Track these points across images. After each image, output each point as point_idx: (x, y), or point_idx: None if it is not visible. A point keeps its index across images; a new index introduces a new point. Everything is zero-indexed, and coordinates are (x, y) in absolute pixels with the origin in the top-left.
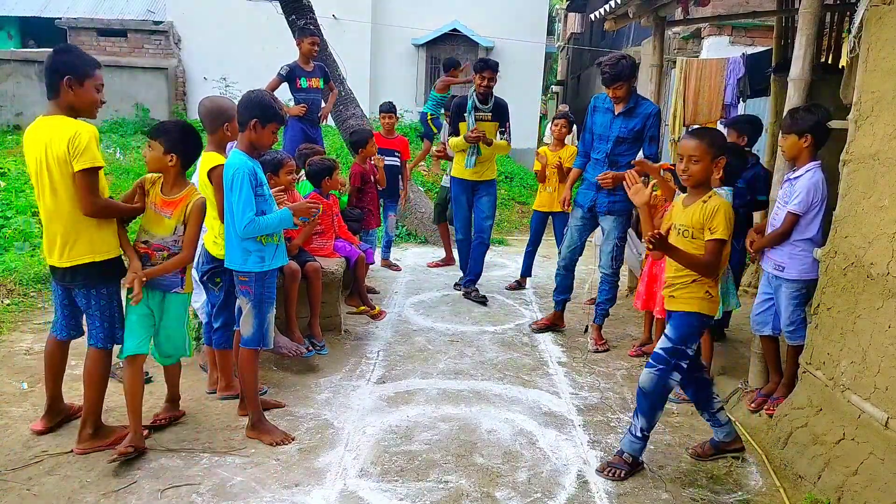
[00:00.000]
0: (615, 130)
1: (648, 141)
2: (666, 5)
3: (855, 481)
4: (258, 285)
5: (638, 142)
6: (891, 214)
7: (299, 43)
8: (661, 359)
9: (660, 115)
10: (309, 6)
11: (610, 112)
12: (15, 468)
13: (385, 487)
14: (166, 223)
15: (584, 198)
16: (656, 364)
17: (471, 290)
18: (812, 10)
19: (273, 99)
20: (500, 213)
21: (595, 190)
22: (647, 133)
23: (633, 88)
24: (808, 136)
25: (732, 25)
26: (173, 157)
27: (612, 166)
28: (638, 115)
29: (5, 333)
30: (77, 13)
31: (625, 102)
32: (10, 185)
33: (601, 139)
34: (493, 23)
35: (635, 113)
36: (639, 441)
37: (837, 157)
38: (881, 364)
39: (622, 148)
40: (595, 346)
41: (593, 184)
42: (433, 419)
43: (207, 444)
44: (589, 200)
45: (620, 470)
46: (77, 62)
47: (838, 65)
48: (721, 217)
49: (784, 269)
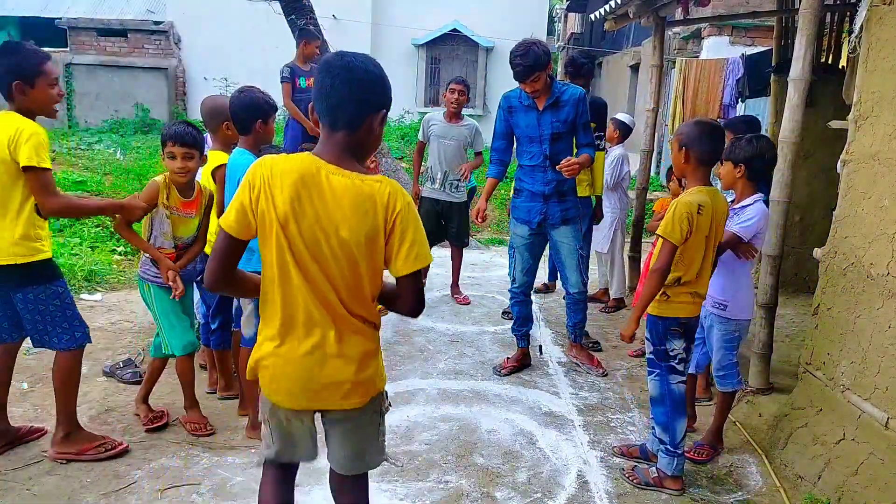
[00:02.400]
0: (547, 127)
1: (583, 129)
2: (666, 5)
3: (855, 481)
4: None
5: (572, 134)
6: (891, 214)
7: (303, 45)
8: (651, 362)
9: (586, 97)
10: (309, 6)
11: (533, 109)
12: (15, 468)
13: (385, 487)
14: (191, 223)
15: (528, 212)
16: (651, 369)
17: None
18: (812, 10)
19: (262, 92)
20: (501, 213)
21: (542, 200)
22: (579, 120)
23: (550, 77)
24: (742, 166)
25: (732, 25)
26: (204, 159)
27: (554, 167)
28: (566, 104)
29: None
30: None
31: (547, 94)
32: None
33: (531, 141)
34: (493, 23)
35: (562, 102)
36: (668, 456)
37: (837, 157)
38: (881, 364)
39: (561, 145)
40: (592, 367)
41: (537, 194)
42: (433, 419)
43: (207, 444)
44: (537, 214)
45: (641, 479)
46: (23, 62)
47: (838, 65)
48: (668, 215)
49: (726, 308)
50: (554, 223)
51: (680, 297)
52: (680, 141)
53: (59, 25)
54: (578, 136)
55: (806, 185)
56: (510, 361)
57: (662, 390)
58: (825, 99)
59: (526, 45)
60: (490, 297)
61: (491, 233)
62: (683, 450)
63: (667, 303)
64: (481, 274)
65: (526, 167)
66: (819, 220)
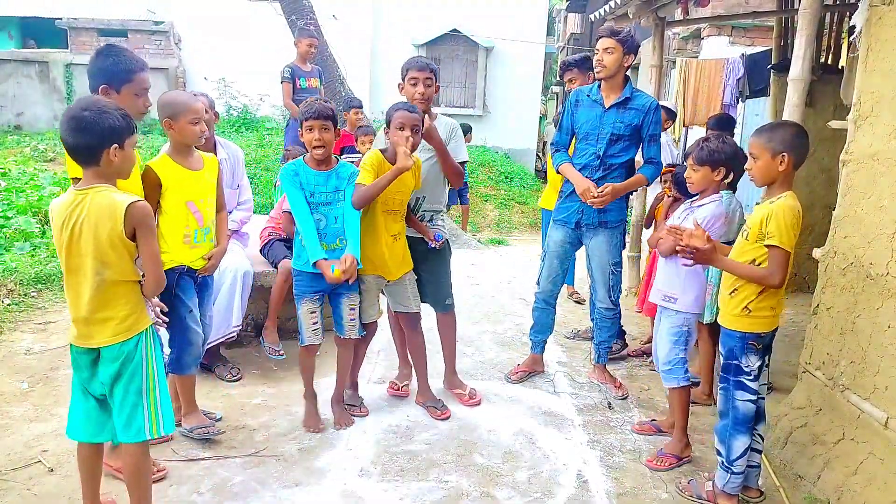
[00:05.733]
0: (608, 126)
1: (648, 141)
2: (666, 5)
3: (854, 481)
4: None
5: (634, 141)
6: (890, 214)
7: (297, 43)
8: (722, 376)
9: (659, 109)
10: (309, 6)
11: (598, 105)
12: (15, 468)
13: (385, 487)
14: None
15: (565, 213)
16: (720, 382)
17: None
18: (812, 10)
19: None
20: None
21: (580, 200)
22: (647, 132)
23: (626, 76)
24: (722, 168)
25: (732, 26)
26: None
27: (607, 171)
28: (634, 108)
29: (5, 333)
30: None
31: (617, 93)
32: (10, 185)
33: (588, 139)
34: (493, 23)
35: (631, 105)
36: (723, 471)
37: (837, 157)
38: (881, 364)
39: (617, 147)
40: (616, 390)
41: (577, 194)
42: (433, 419)
43: (207, 444)
44: (574, 213)
45: (694, 493)
46: (115, 67)
47: (838, 65)
48: (776, 223)
49: (676, 301)
50: (591, 223)
51: (763, 310)
52: (773, 148)
53: (59, 25)
54: (644, 148)
55: (806, 185)
56: (521, 367)
57: (727, 405)
58: (825, 99)
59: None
60: (490, 297)
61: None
62: (741, 470)
63: (748, 317)
64: (481, 274)
65: (575, 167)
66: (819, 220)
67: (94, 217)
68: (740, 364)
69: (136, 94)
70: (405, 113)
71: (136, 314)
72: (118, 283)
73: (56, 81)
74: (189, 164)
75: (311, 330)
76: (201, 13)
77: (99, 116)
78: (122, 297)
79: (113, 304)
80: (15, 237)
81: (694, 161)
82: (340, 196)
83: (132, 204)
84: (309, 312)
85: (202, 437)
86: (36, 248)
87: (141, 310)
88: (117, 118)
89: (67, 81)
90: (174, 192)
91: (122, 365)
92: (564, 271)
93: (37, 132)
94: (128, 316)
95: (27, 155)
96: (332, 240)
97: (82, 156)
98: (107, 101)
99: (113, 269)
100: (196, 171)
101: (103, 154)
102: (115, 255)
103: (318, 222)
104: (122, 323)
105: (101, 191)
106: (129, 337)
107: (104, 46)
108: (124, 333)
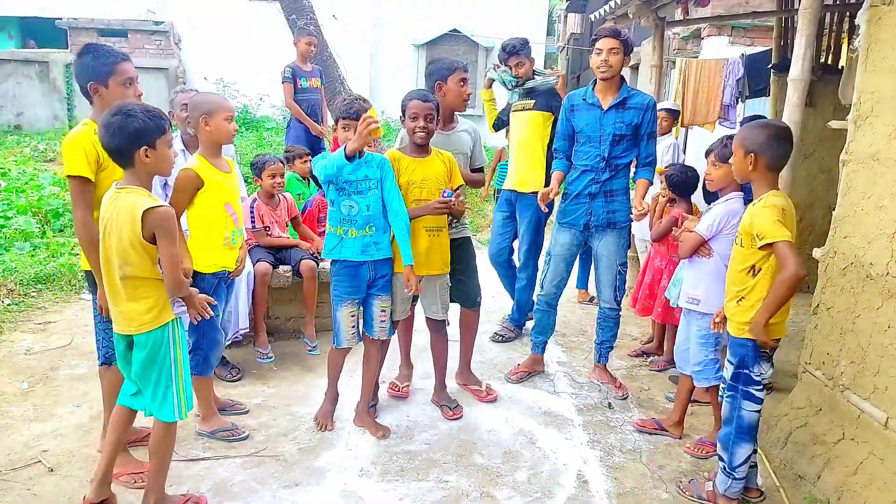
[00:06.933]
0: (609, 127)
1: (647, 139)
2: (666, 5)
3: (854, 481)
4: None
5: (636, 140)
6: (890, 214)
7: (296, 43)
8: (727, 384)
9: (656, 107)
10: (309, 6)
11: (596, 107)
12: (15, 468)
13: (385, 487)
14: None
15: (572, 215)
16: (726, 390)
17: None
18: (812, 10)
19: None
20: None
21: (588, 199)
22: (645, 129)
23: (622, 77)
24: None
25: (732, 26)
26: None
27: (614, 172)
28: (633, 107)
29: (5, 333)
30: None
31: (613, 94)
32: (10, 185)
33: (590, 141)
34: (493, 23)
35: (629, 105)
36: (725, 476)
37: (837, 157)
38: (880, 364)
39: (621, 148)
40: (616, 390)
41: (584, 194)
42: (433, 419)
43: (207, 444)
44: (583, 215)
45: (694, 493)
46: (95, 62)
47: (838, 65)
48: (763, 222)
49: (699, 303)
50: (599, 224)
51: (776, 316)
52: (745, 147)
53: (59, 25)
54: (641, 147)
55: (806, 185)
56: (521, 367)
57: (732, 413)
58: (825, 99)
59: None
60: (490, 297)
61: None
62: (742, 475)
63: (764, 325)
64: (481, 274)
65: (579, 169)
66: (819, 220)
67: (120, 218)
68: (751, 373)
69: (123, 85)
70: (418, 102)
71: (159, 308)
72: (140, 278)
73: (56, 81)
74: (220, 166)
75: (350, 333)
76: (201, 13)
77: (125, 120)
78: (145, 293)
79: (136, 297)
80: (15, 237)
81: (716, 158)
82: (372, 185)
83: (150, 209)
84: (349, 315)
85: (227, 439)
86: (36, 248)
87: (164, 304)
88: (143, 120)
89: (67, 81)
90: (213, 195)
91: (152, 351)
92: (568, 274)
93: (37, 132)
94: (151, 309)
95: (27, 155)
96: (362, 227)
97: (117, 158)
98: (135, 104)
99: (134, 267)
100: (227, 174)
101: (135, 156)
102: (136, 256)
103: (350, 209)
104: (146, 314)
105: (130, 192)
106: (154, 328)
107: (83, 47)
108: (149, 324)
